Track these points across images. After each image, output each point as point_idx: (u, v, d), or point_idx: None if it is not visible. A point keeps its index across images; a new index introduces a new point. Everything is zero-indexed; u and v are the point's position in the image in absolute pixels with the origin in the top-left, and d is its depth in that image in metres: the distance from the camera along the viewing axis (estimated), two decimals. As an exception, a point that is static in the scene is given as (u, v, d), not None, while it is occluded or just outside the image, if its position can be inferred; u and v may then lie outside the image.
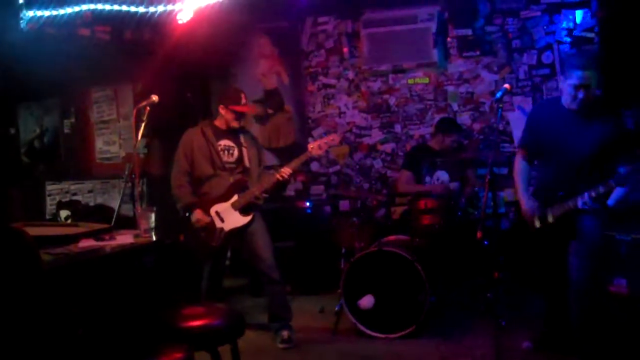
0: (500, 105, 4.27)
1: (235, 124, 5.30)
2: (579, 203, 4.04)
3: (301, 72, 7.62)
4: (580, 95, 4.09)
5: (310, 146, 5.24)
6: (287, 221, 6.79)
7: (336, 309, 5.41)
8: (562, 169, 4.26)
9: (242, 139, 5.39)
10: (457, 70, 7.04)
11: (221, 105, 5.31)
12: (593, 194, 3.95)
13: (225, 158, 5.28)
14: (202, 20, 6.57)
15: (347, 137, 7.43)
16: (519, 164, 4.58)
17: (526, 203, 4.40)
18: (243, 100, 5.29)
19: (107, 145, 8.08)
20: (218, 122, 5.36)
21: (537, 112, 4.59)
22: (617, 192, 4.01)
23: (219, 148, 5.28)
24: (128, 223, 4.75)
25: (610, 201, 4.06)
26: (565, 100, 4.22)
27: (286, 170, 5.14)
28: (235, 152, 5.33)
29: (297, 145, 7.60)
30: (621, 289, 4.91)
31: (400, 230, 5.95)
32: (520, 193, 4.49)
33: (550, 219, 4.24)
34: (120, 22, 6.81)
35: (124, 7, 6.48)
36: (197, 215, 5.20)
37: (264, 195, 5.25)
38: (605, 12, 6.35)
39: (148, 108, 4.70)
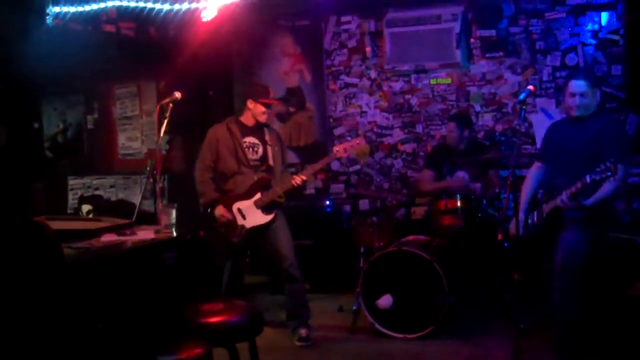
0: (524, 107, 4.35)
1: (263, 118, 5.32)
2: (558, 201, 4.15)
3: (323, 71, 7.62)
4: (576, 101, 4.30)
5: (335, 149, 5.26)
6: (307, 219, 6.80)
7: (354, 308, 5.41)
8: (560, 169, 4.38)
9: (267, 136, 5.41)
10: (480, 71, 7.00)
11: (249, 100, 5.32)
12: (572, 190, 4.04)
13: (250, 155, 5.31)
14: (225, 19, 6.60)
15: (368, 136, 7.41)
16: (530, 173, 4.72)
17: (516, 225, 4.48)
18: (271, 94, 5.34)
19: (129, 141, 8.13)
20: (244, 119, 5.38)
21: (552, 126, 4.74)
22: (600, 191, 4.08)
23: (244, 145, 5.30)
24: (149, 219, 4.78)
25: (589, 201, 4.10)
26: (569, 112, 4.43)
27: (299, 179, 5.15)
28: (260, 150, 5.35)
29: (318, 144, 7.61)
30: (640, 292, 4.86)
31: (420, 231, 5.94)
32: (519, 210, 4.57)
33: (544, 213, 4.39)
34: (144, 19, 6.83)
35: (149, 4, 6.51)
36: (220, 211, 5.23)
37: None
38: (631, 15, 6.29)
39: (171, 105, 4.72)
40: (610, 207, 4.37)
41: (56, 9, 6.68)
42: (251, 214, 5.22)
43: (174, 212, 3.92)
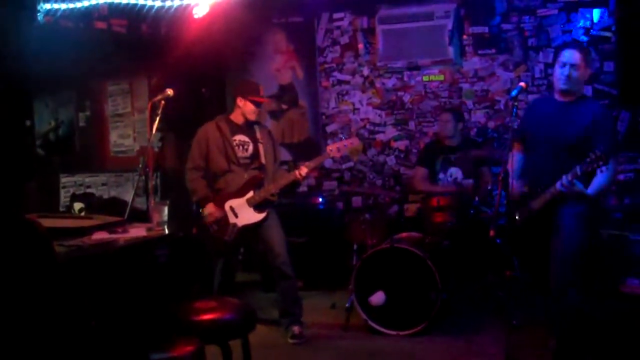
0: (516, 104, 4.30)
1: (253, 116, 5.31)
2: (558, 185, 4.06)
3: (316, 68, 7.61)
4: (565, 71, 4.18)
5: (329, 148, 5.23)
6: (300, 217, 6.79)
7: (347, 305, 5.41)
8: (547, 156, 4.29)
9: (258, 134, 5.40)
10: (473, 68, 7.01)
11: (239, 97, 5.31)
12: (570, 177, 3.98)
13: (239, 153, 5.29)
14: (218, 15, 6.59)
15: (360, 133, 7.41)
16: (515, 156, 4.55)
17: (515, 185, 4.45)
18: (261, 92, 5.32)
19: (121, 139, 8.12)
20: (234, 117, 5.37)
21: (531, 106, 4.66)
22: (597, 181, 4.03)
23: (234, 143, 5.29)
24: (141, 216, 4.77)
25: (590, 190, 4.06)
26: (556, 83, 4.31)
27: (303, 170, 5.13)
28: (250, 148, 5.34)
29: (310, 141, 7.61)
30: (634, 289, 4.89)
31: (413, 228, 5.95)
32: (512, 178, 4.49)
33: (534, 210, 4.30)
34: (136, 16, 6.82)
35: (141, 1, 6.49)
36: (209, 209, 5.22)
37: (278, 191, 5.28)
38: (623, 11, 6.30)
39: (163, 102, 4.71)
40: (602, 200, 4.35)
41: (47, 6, 6.66)
42: (243, 212, 5.21)
43: (166, 210, 3.91)
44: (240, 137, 5.33)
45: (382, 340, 5.12)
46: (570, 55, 4.19)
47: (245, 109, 5.29)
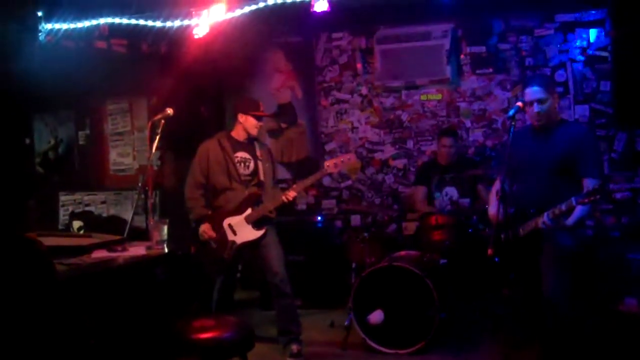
0: (513, 123, 4.31)
1: (255, 131, 5.34)
2: (539, 222, 4.09)
3: (315, 87, 7.66)
4: (536, 108, 4.25)
5: (326, 164, 5.25)
6: (298, 235, 6.80)
7: (346, 323, 5.40)
8: (530, 184, 4.34)
9: (258, 151, 5.42)
10: (470, 87, 7.05)
11: (240, 113, 5.34)
12: (556, 212, 4.00)
13: (241, 170, 5.31)
14: (217, 35, 6.63)
15: (359, 152, 7.44)
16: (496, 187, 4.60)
17: (492, 208, 4.51)
18: (261, 108, 5.36)
19: (121, 157, 8.14)
20: (235, 133, 5.40)
21: (512, 137, 4.60)
22: (577, 212, 4.04)
23: (236, 160, 5.31)
24: (140, 235, 4.78)
25: (570, 220, 4.08)
26: (531, 121, 4.39)
27: (291, 194, 5.15)
28: (251, 165, 5.36)
29: (309, 160, 7.63)
30: (632, 308, 4.89)
31: (411, 246, 5.96)
32: (491, 204, 4.57)
33: (521, 233, 4.30)
34: (136, 36, 6.87)
35: (141, 21, 6.54)
36: (204, 228, 5.23)
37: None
38: (619, 31, 6.36)
39: (163, 121, 4.74)
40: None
41: (49, 26, 6.71)
42: (242, 230, 5.22)
43: (165, 228, 3.93)
44: (241, 154, 5.36)
45: (381, 359, 5.11)
46: (533, 93, 4.26)
47: (246, 124, 5.32)
